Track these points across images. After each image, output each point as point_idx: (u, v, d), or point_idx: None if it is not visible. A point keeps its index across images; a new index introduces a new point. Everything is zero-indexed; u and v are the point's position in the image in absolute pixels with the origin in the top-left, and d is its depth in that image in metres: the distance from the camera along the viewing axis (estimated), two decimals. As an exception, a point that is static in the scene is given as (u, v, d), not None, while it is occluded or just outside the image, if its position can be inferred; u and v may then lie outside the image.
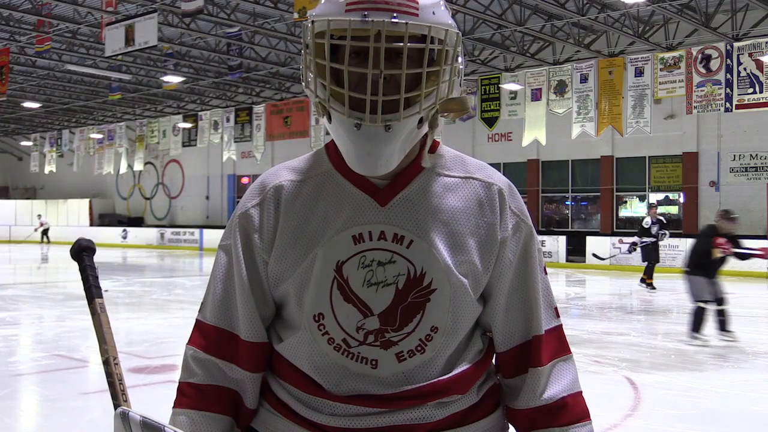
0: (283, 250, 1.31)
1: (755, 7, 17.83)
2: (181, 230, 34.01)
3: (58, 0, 18.37)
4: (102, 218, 38.97)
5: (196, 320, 1.41)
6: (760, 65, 17.68)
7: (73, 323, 10.20)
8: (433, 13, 1.23)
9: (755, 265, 19.16)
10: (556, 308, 1.42)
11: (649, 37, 19.84)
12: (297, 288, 1.31)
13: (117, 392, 1.31)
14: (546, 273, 1.42)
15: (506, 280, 1.36)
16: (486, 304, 1.37)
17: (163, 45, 22.00)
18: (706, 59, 18.43)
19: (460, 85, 1.32)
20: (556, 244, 22.77)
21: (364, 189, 1.31)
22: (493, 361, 1.44)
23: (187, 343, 1.40)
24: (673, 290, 16.34)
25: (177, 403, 1.38)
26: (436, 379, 1.30)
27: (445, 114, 1.33)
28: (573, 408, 1.36)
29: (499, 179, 1.39)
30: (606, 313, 11.93)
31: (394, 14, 1.19)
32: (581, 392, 1.39)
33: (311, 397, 1.31)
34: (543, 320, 1.38)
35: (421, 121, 1.26)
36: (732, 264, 19.45)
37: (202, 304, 1.42)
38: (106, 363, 1.33)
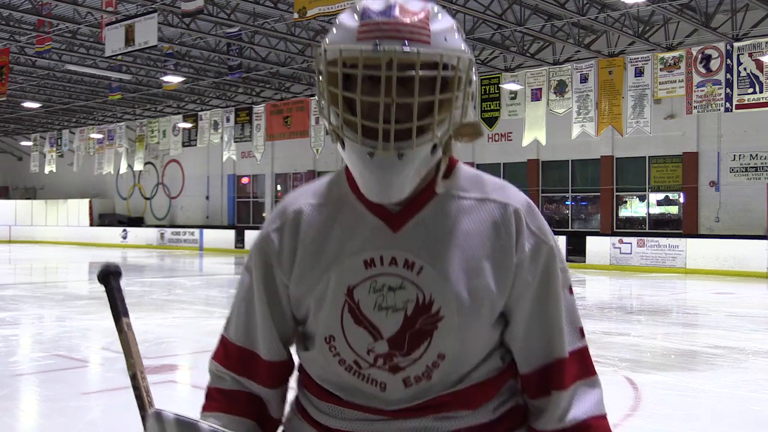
0: (301, 272, 1.34)
1: (755, 7, 17.83)
2: (181, 230, 34.02)
3: (58, 0, 18.37)
4: (102, 218, 38.96)
5: (221, 336, 1.46)
6: (760, 65, 17.68)
7: (73, 323, 10.20)
8: (445, 39, 1.22)
9: (755, 264, 19.18)
10: (581, 329, 1.39)
11: (649, 37, 19.84)
12: (315, 309, 1.33)
13: (145, 404, 1.37)
14: (572, 292, 1.39)
15: (526, 301, 1.33)
16: (506, 326, 1.35)
17: (163, 45, 22.01)
18: (706, 59, 18.43)
19: (474, 108, 1.31)
20: (556, 244, 22.77)
21: (377, 214, 1.31)
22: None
23: (212, 358, 1.45)
24: (673, 290, 16.35)
25: (206, 408, 1.43)
26: (438, 395, 1.31)
27: (459, 139, 1.33)
28: (596, 431, 1.35)
29: (518, 199, 1.37)
30: (606, 313, 11.93)
31: (406, 42, 1.18)
32: (605, 415, 1.36)
33: (325, 404, 1.36)
34: (566, 342, 1.36)
35: (434, 148, 1.26)
36: (732, 264, 19.52)
37: (227, 320, 1.46)
38: (134, 377, 1.40)
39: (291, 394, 1.49)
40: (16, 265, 24.78)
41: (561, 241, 22.76)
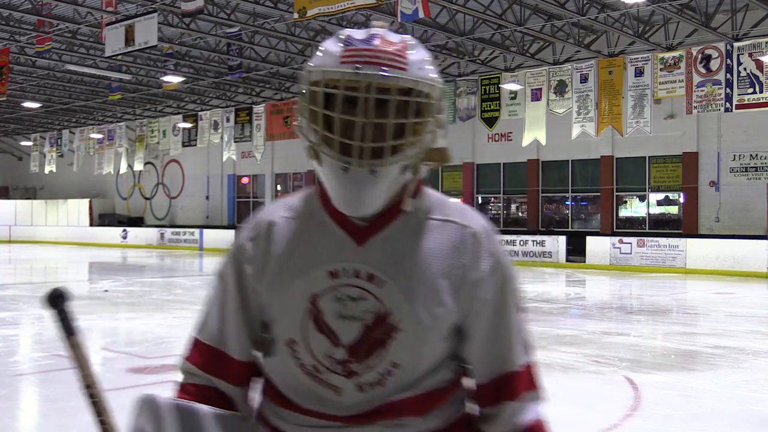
0: (271, 280, 1.43)
1: (755, 7, 17.83)
2: (181, 230, 34.01)
3: (58, 0, 18.37)
4: (102, 218, 38.96)
5: (194, 338, 1.53)
6: (760, 65, 17.68)
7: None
8: (420, 68, 1.33)
9: (755, 264, 19.18)
10: (529, 345, 1.49)
11: (649, 37, 19.84)
12: (279, 314, 1.42)
13: (102, 409, 1.45)
14: (523, 311, 1.49)
15: (483, 318, 1.42)
16: (462, 340, 1.44)
17: (163, 45, 22.01)
18: (706, 59, 18.43)
19: (444, 136, 1.40)
20: (556, 244, 22.77)
21: (344, 227, 1.40)
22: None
23: (184, 358, 1.53)
24: (673, 290, 16.35)
25: (180, 398, 1.48)
26: (389, 400, 1.38)
27: (427, 162, 1.40)
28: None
29: (477, 223, 1.44)
30: (606, 313, 11.93)
31: (384, 68, 1.29)
32: (545, 423, 1.47)
33: (283, 410, 1.44)
34: (516, 357, 1.45)
35: (405, 168, 1.35)
36: (732, 264, 19.52)
37: (199, 323, 1.54)
38: (88, 387, 1.46)
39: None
40: (16, 265, 24.78)
41: (561, 242, 22.78)
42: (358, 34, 1.34)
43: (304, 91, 1.35)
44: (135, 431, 1.38)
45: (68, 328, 1.51)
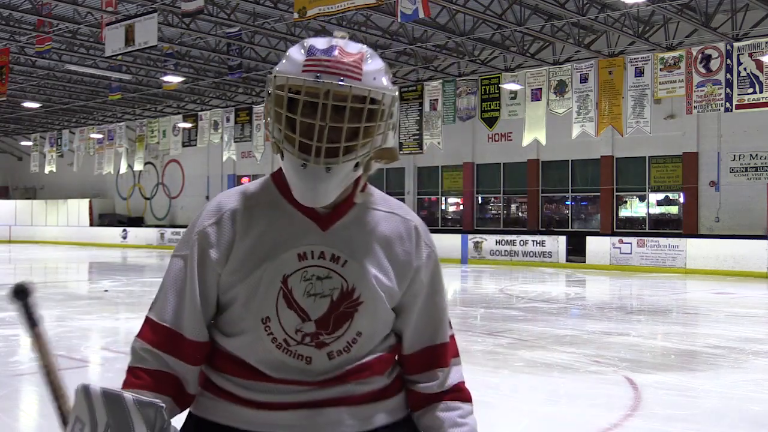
0: (237, 263, 1.55)
1: (755, 7, 17.82)
2: (181, 230, 33.91)
3: (58, 0, 18.37)
4: (102, 218, 38.96)
5: (147, 317, 1.62)
6: (760, 65, 17.67)
7: (73, 323, 10.20)
8: (374, 78, 1.48)
9: (755, 264, 19.19)
10: (449, 322, 1.74)
11: (649, 37, 19.83)
12: (246, 295, 1.55)
13: (59, 393, 1.61)
14: (445, 294, 1.75)
15: (419, 298, 1.66)
16: (399, 315, 1.66)
17: (163, 45, 22.00)
18: (706, 59, 18.42)
19: (394, 137, 1.58)
20: (556, 244, 22.78)
21: (309, 216, 1.58)
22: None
23: (137, 336, 1.62)
24: (673, 290, 16.35)
25: (127, 384, 1.58)
26: (353, 365, 1.58)
27: (378, 160, 1.57)
28: (464, 391, 1.71)
29: (415, 218, 1.69)
30: (606, 313, 11.93)
31: (341, 78, 1.44)
32: (464, 382, 1.73)
33: (252, 382, 1.56)
34: (444, 331, 1.70)
35: (357, 165, 1.52)
36: (732, 264, 19.51)
37: (153, 303, 1.63)
38: (46, 373, 1.58)
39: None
40: (16, 265, 24.78)
41: (561, 242, 22.78)
42: (320, 43, 1.49)
43: (269, 93, 1.50)
44: (73, 418, 1.51)
45: (31, 320, 1.61)
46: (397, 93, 1.54)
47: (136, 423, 1.39)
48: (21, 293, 1.62)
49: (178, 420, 1.57)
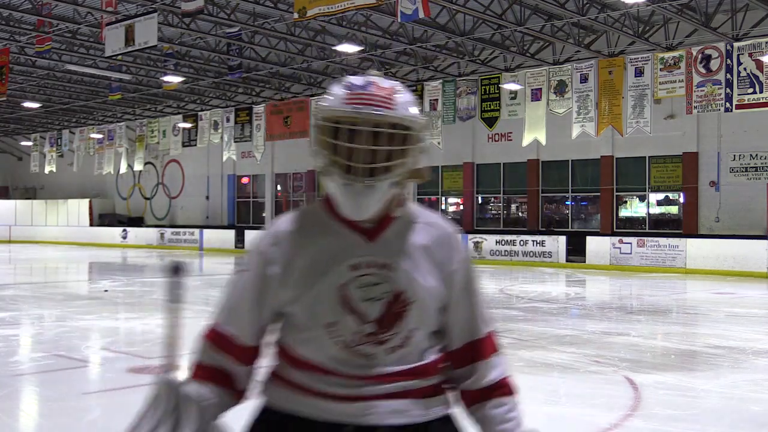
0: (296, 279, 1.78)
1: (755, 7, 17.83)
2: (181, 230, 34.02)
3: (58, 0, 18.36)
4: (102, 218, 38.96)
5: (213, 322, 1.87)
6: (760, 65, 17.68)
7: (73, 323, 10.20)
8: (405, 108, 1.72)
9: (755, 264, 19.19)
10: (490, 318, 1.94)
11: (649, 37, 19.84)
12: (309, 305, 1.77)
13: (174, 354, 1.79)
14: (481, 293, 1.95)
15: (459, 298, 1.86)
16: (443, 314, 1.86)
17: (163, 45, 22.00)
18: (706, 59, 18.43)
19: (424, 159, 1.81)
20: (556, 244, 22.78)
21: (356, 230, 1.79)
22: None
23: (203, 335, 1.86)
24: (673, 290, 16.35)
25: (191, 376, 1.82)
26: (414, 365, 1.80)
27: (410, 179, 1.79)
28: (508, 386, 1.89)
29: (450, 226, 1.91)
30: (606, 313, 11.93)
31: (377, 108, 1.68)
32: (511, 375, 1.91)
33: (321, 376, 1.77)
34: (483, 327, 1.90)
35: (393, 183, 1.74)
36: (732, 264, 19.52)
37: (217, 309, 1.88)
38: (171, 345, 1.81)
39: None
40: (16, 265, 24.78)
41: (561, 242, 22.78)
42: (358, 80, 1.73)
43: (316, 125, 1.75)
44: (147, 405, 1.75)
45: (174, 295, 1.86)
46: (425, 120, 1.78)
47: (188, 412, 1.72)
48: (176, 270, 1.87)
49: (238, 415, 1.84)
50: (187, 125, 30.60)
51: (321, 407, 1.76)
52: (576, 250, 22.48)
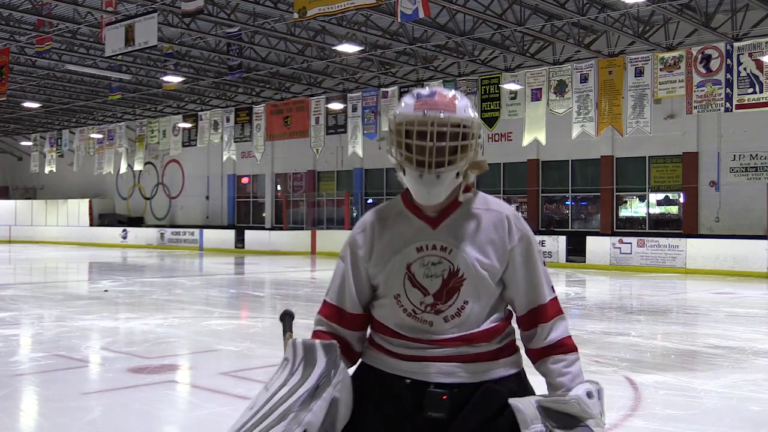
0: (377, 258, 2.21)
1: (755, 7, 17.82)
2: (181, 230, 34.01)
3: (58, 0, 18.36)
4: (102, 218, 38.96)
5: (324, 299, 2.30)
6: (760, 65, 17.67)
7: (73, 323, 10.20)
8: (464, 111, 2.08)
9: (755, 264, 19.19)
10: (551, 285, 2.25)
11: (649, 37, 19.83)
12: (384, 279, 2.19)
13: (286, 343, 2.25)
14: (545, 264, 2.24)
15: (520, 271, 2.19)
16: (506, 287, 2.21)
17: (163, 45, 22.00)
18: (706, 59, 18.42)
19: (482, 154, 2.17)
20: (556, 244, 22.77)
21: (422, 219, 2.18)
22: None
23: (318, 313, 2.30)
24: (673, 290, 16.35)
25: (313, 337, 2.25)
26: (467, 332, 2.15)
27: (472, 170, 2.14)
28: (567, 345, 2.21)
29: (508, 209, 2.21)
30: (606, 313, 11.93)
31: (442, 112, 2.04)
32: (571, 336, 2.23)
33: (393, 338, 2.19)
34: (544, 294, 2.21)
35: (458, 174, 2.09)
36: (732, 264, 19.51)
37: (328, 289, 2.31)
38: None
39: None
40: (16, 265, 24.78)
41: (561, 242, 22.77)
42: (425, 91, 2.10)
43: (392, 129, 2.11)
44: (283, 360, 2.17)
45: (286, 328, 2.36)
46: (480, 120, 2.13)
47: (319, 354, 2.12)
48: (287, 317, 2.38)
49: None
50: (187, 125, 30.59)
51: (388, 363, 2.20)
52: (576, 250, 22.48)
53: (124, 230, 36.32)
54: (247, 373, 7.04)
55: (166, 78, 25.53)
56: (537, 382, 2.28)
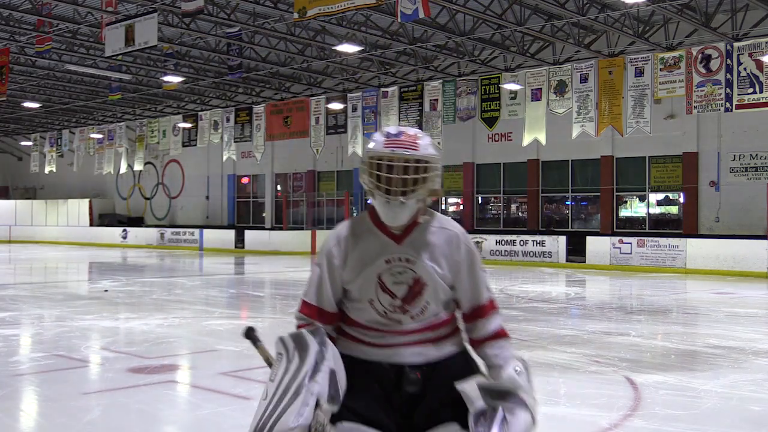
0: (351, 267, 2.62)
1: (755, 7, 17.82)
2: (181, 230, 34.01)
3: (58, 0, 18.36)
4: (102, 218, 38.95)
5: (302, 299, 2.69)
6: (760, 65, 17.67)
7: (73, 323, 10.20)
8: (426, 149, 2.49)
9: (755, 264, 19.18)
10: (489, 289, 2.72)
11: (649, 37, 19.83)
12: (359, 286, 2.61)
13: (272, 363, 2.57)
14: (484, 270, 2.72)
15: (465, 278, 2.66)
16: (454, 289, 2.66)
17: (163, 45, 22.00)
18: (706, 59, 18.42)
19: (441, 186, 2.63)
20: (556, 244, 22.77)
21: (388, 235, 2.60)
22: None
23: (299, 311, 2.69)
24: (673, 290, 16.35)
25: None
26: (429, 323, 2.64)
27: (430, 196, 2.56)
28: (500, 334, 2.69)
29: (458, 228, 2.68)
30: (606, 313, 11.93)
31: (407, 150, 2.45)
32: (503, 327, 2.72)
33: (367, 331, 2.64)
34: (483, 296, 2.69)
35: (418, 200, 2.52)
36: (732, 264, 19.51)
37: (306, 291, 2.69)
38: (267, 362, 2.63)
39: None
40: (16, 265, 24.77)
41: (561, 242, 22.77)
42: (393, 130, 2.51)
43: (364, 162, 2.50)
44: (276, 355, 2.51)
45: (254, 340, 2.71)
46: (438, 156, 2.53)
47: (308, 339, 2.46)
48: (250, 333, 2.72)
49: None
50: (187, 125, 30.59)
51: (365, 351, 2.64)
52: (576, 250, 22.47)
53: (124, 230, 36.32)
54: (247, 373, 7.04)
55: (166, 78, 25.52)
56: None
